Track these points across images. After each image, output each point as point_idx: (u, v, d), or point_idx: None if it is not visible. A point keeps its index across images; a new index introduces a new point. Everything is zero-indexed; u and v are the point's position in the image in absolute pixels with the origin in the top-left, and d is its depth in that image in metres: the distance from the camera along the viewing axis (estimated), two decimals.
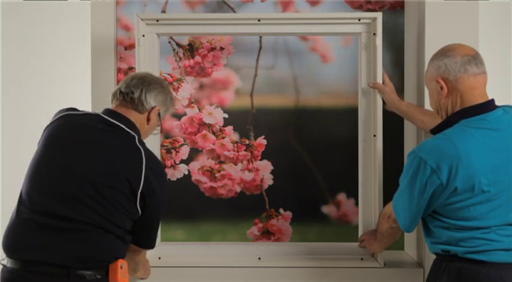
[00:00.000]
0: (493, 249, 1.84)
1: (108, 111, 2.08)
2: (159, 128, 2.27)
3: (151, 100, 2.09)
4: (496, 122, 1.88)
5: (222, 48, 2.66)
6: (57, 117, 2.07)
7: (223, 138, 2.66)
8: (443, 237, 1.90)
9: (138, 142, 2.02)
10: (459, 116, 1.90)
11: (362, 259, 2.49)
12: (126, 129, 2.03)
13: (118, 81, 2.68)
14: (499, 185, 1.83)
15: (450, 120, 1.92)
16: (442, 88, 1.92)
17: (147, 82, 2.10)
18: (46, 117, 2.93)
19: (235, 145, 2.66)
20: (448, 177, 1.82)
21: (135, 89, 2.08)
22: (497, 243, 1.84)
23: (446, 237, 1.89)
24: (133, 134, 2.03)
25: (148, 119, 2.11)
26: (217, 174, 2.66)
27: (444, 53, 1.94)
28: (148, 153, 2.03)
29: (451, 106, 1.93)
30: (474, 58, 1.91)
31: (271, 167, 2.67)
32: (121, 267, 1.97)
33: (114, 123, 2.03)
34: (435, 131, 1.96)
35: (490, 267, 1.84)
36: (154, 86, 2.11)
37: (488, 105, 1.90)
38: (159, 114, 2.13)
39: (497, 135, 1.86)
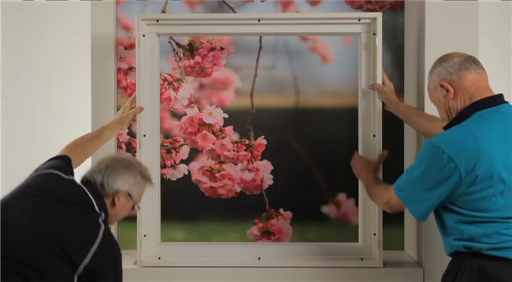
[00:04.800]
0: None
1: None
2: (137, 206, 2.19)
3: (114, 184, 2.05)
4: (508, 113, 1.90)
5: (222, 48, 2.66)
6: (44, 170, 2.04)
7: (223, 138, 2.66)
8: (466, 233, 1.87)
9: (104, 224, 1.97)
10: (472, 109, 1.91)
11: (362, 259, 2.50)
12: (96, 208, 1.99)
13: (118, 81, 2.68)
14: None
15: (463, 114, 1.92)
16: (448, 91, 1.93)
17: (111, 166, 2.07)
18: (46, 117, 2.94)
19: (235, 145, 2.66)
20: (466, 166, 1.81)
21: (97, 175, 2.05)
22: None
23: (469, 233, 1.87)
24: (101, 213, 1.99)
25: (113, 203, 2.06)
26: (217, 174, 2.66)
27: (441, 60, 1.99)
28: (108, 235, 1.96)
29: (461, 105, 1.94)
30: (471, 57, 1.96)
31: (271, 167, 2.67)
32: None
33: (88, 197, 1.99)
34: (448, 127, 1.95)
35: None
36: (119, 169, 2.07)
37: (500, 98, 1.93)
38: (129, 195, 2.09)
39: (510, 127, 1.88)
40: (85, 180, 2.08)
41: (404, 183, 1.95)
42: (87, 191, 2.01)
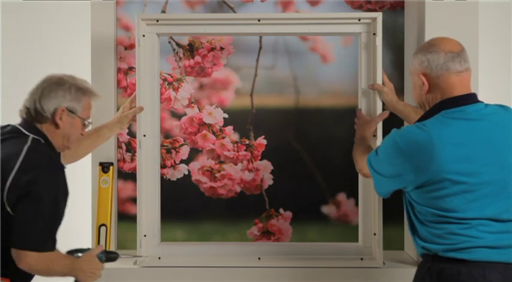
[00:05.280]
0: (475, 246, 1.79)
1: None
2: (87, 122, 2.08)
3: (48, 104, 1.97)
4: (476, 113, 1.86)
5: (222, 48, 2.66)
6: None
7: (223, 138, 2.66)
8: (424, 233, 1.88)
9: (31, 141, 1.92)
10: (439, 107, 1.89)
11: (362, 259, 2.50)
12: (25, 132, 1.95)
13: (118, 81, 2.69)
14: (478, 176, 1.80)
15: (431, 111, 1.91)
16: (423, 84, 1.92)
17: (41, 87, 1.99)
18: None
19: (235, 145, 2.66)
20: (417, 163, 1.82)
21: (29, 102, 1.98)
22: (479, 240, 1.79)
23: (425, 233, 1.87)
24: (32, 136, 1.94)
25: (56, 125, 1.99)
26: (217, 174, 2.66)
27: (429, 47, 1.92)
28: (37, 154, 1.90)
29: (432, 102, 1.93)
30: (458, 55, 1.89)
31: (271, 167, 2.67)
32: None
33: (15, 128, 1.97)
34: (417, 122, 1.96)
35: (472, 267, 1.79)
36: (50, 87, 1.98)
37: (469, 98, 1.88)
38: (71, 111, 1.99)
39: (478, 126, 1.84)
40: (19, 117, 2.02)
41: (373, 160, 1.97)
42: (15, 124, 1.98)
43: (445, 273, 1.82)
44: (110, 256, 2.13)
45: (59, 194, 1.91)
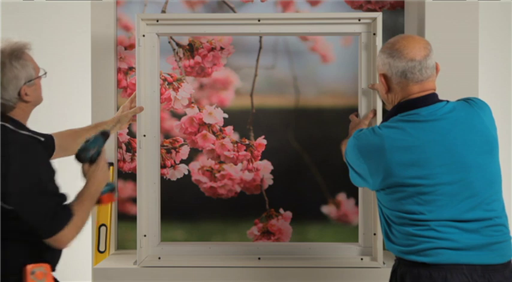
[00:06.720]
0: (435, 248, 1.76)
1: None
2: (40, 75, 1.98)
3: (9, 95, 1.87)
4: (432, 114, 1.82)
5: (222, 48, 2.66)
6: None
7: (223, 138, 2.66)
8: (389, 234, 1.87)
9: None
10: (396, 110, 1.88)
11: (362, 259, 2.50)
12: None
13: (118, 81, 2.69)
14: (434, 178, 1.77)
15: (390, 113, 1.91)
16: (382, 84, 1.91)
17: None
18: (46, 117, 2.95)
19: (235, 145, 2.66)
20: (370, 166, 1.83)
21: None
22: (440, 242, 1.76)
23: (391, 235, 1.86)
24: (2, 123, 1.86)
25: (25, 101, 1.91)
26: (217, 174, 2.66)
27: (392, 51, 1.87)
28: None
29: (393, 101, 1.92)
30: (420, 63, 1.83)
31: (271, 167, 2.67)
32: (32, 273, 1.82)
33: None
34: (384, 119, 1.97)
35: (433, 269, 1.75)
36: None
37: (425, 99, 1.84)
38: (30, 81, 1.91)
39: (433, 127, 1.80)
40: None
41: (346, 153, 1.98)
42: None
43: (407, 277, 1.80)
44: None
45: (39, 171, 1.83)
